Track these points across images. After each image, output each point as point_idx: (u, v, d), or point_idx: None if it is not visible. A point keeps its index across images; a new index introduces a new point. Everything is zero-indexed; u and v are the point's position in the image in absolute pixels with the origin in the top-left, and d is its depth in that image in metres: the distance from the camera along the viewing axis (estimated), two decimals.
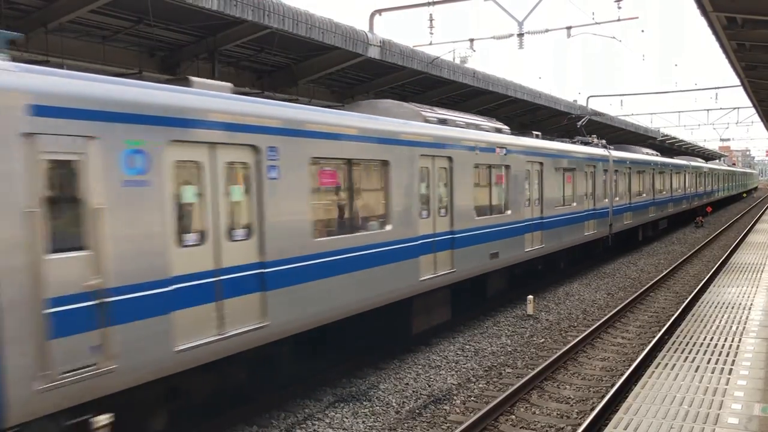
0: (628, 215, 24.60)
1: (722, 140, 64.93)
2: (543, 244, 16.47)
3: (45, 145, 5.78)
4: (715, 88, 39.86)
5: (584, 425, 7.96)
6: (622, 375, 9.94)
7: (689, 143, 59.08)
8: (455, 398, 9.47)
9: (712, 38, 11.27)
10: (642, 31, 26.71)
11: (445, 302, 12.56)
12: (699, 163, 43.89)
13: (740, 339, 9.49)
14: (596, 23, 18.99)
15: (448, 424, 8.50)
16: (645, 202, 27.27)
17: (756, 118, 40.41)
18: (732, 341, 9.37)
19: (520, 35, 18.72)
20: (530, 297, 14.85)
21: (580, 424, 8.13)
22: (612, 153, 23.13)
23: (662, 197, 30.62)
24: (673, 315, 13.79)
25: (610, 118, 35.08)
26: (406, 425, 8.48)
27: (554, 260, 18.37)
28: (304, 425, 8.52)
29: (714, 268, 19.95)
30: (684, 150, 57.12)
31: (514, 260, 14.99)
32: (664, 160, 32.09)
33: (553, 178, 17.41)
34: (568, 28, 19.26)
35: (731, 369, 8.07)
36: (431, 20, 19.68)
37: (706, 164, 47.89)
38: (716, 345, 9.19)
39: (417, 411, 8.96)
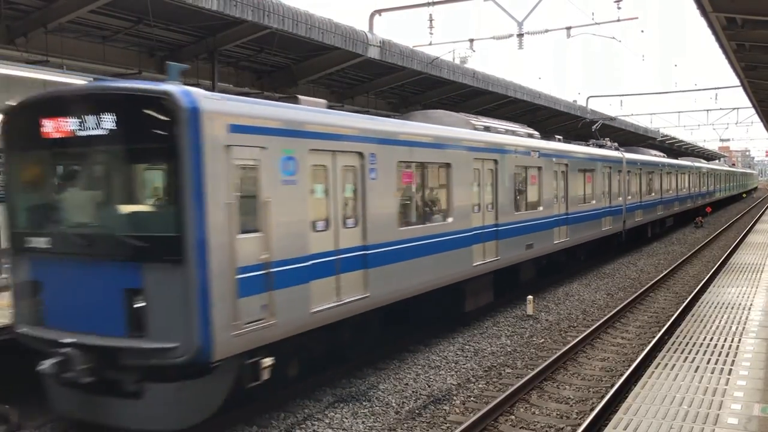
0: (639, 213, 26.24)
1: (722, 140, 64.91)
2: (568, 238, 18.23)
3: (237, 154, 7.64)
4: (715, 89, 39.87)
5: (584, 425, 7.96)
6: (622, 375, 9.94)
7: (689, 143, 59.08)
8: (455, 398, 9.47)
9: (712, 39, 11.28)
10: (642, 32, 26.74)
11: (490, 286, 14.31)
12: (702, 164, 44.96)
13: (740, 339, 9.49)
14: (596, 23, 19.01)
15: (448, 425, 8.50)
16: (654, 201, 28.95)
17: (755, 119, 40.39)
18: (732, 341, 9.37)
19: (520, 35, 18.73)
20: (530, 297, 14.85)
21: (580, 425, 8.12)
22: (625, 155, 24.89)
23: (669, 196, 32.15)
24: (673, 315, 13.78)
25: (623, 123, 37.19)
26: (406, 425, 8.48)
27: (575, 253, 19.96)
28: (304, 425, 8.52)
29: (714, 269, 19.95)
30: (684, 150, 57.11)
31: (545, 251, 16.84)
32: (671, 161, 33.91)
33: (577, 178, 19.17)
34: (568, 29, 19.28)
35: (731, 369, 8.07)
36: (431, 20, 19.69)
37: (709, 165, 48.81)
38: (716, 345, 9.19)
39: (417, 411, 8.96)
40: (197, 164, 7.17)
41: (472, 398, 9.50)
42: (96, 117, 7.49)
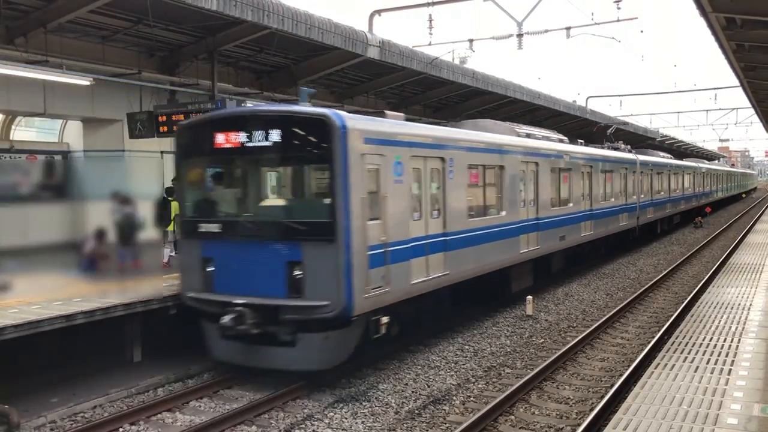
0: (651, 210, 28.50)
1: (721, 141, 64.88)
2: (592, 231, 20.44)
3: (367, 160, 9.85)
4: (715, 89, 39.89)
5: (583, 425, 7.96)
6: (622, 375, 9.93)
7: (688, 144, 59.07)
8: (454, 398, 9.47)
9: (712, 39, 11.28)
10: (641, 32, 26.80)
11: (530, 272, 16.46)
12: (705, 165, 46.58)
13: (739, 339, 9.48)
14: (595, 24, 19.01)
15: (448, 425, 8.50)
16: (663, 199, 31.15)
17: (755, 119, 40.36)
18: (731, 341, 9.36)
19: (520, 36, 18.74)
20: (529, 297, 14.84)
21: (580, 425, 8.12)
22: (639, 157, 27.13)
23: (676, 195, 34.35)
24: (673, 315, 13.77)
25: (633, 127, 39.67)
26: (406, 425, 8.48)
27: (597, 246, 22.07)
28: (304, 425, 8.52)
29: (713, 269, 19.93)
30: (683, 151, 57.11)
31: (574, 243, 19.01)
32: (678, 163, 36.71)
33: (599, 179, 21.40)
34: (568, 29, 19.28)
35: (730, 369, 8.06)
36: (431, 20, 19.69)
37: (711, 165, 50.17)
38: (715, 345, 9.18)
39: (416, 411, 8.96)
40: (345, 168, 9.38)
41: (472, 398, 9.50)
42: (264, 132, 9.74)
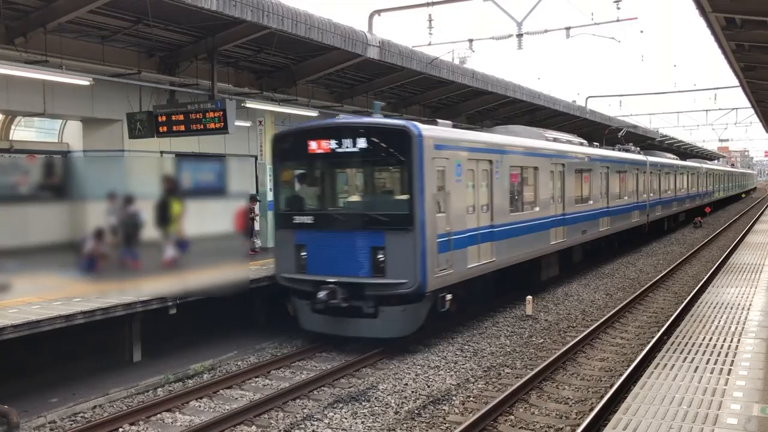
0: (659, 208, 30.49)
1: (721, 141, 64.83)
2: (609, 227, 22.38)
3: (437, 163, 11.72)
4: (714, 89, 39.83)
5: (583, 426, 7.96)
6: (621, 375, 9.93)
7: (688, 144, 59.04)
8: (454, 398, 9.47)
9: (711, 39, 11.27)
10: (641, 32, 26.80)
11: (557, 262, 18.25)
12: (707, 165, 48.20)
13: (739, 339, 9.48)
14: (595, 24, 18.99)
15: (447, 425, 8.50)
16: (670, 198, 33.28)
17: (755, 119, 40.28)
18: (731, 341, 9.36)
19: (519, 36, 18.72)
20: (529, 297, 14.84)
21: (579, 425, 8.12)
22: (648, 158, 29.23)
23: (682, 194, 36.32)
24: (672, 315, 13.77)
25: (644, 130, 42.46)
26: (405, 426, 8.48)
27: (611, 241, 23.90)
28: (303, 425, 8.52)
29: (713, 269, 19.92)
30: (683, 151, 57.11)
31: (593, 237, 20.90)
32: (683, 163, 38.94)
33: (614, 178, 23.30)
34: (567, 29, 19.25)
35: (730, 369, 8.06)
36: (430, 21, 19.67)
37: (713, 166, 51.68)
38: (715, 345, 9.18)
39: (416, 411, 8.95)
40: (420, 169, 11.22)
41: (472, 398, 9.50)
42: (352, 140, 11.58)
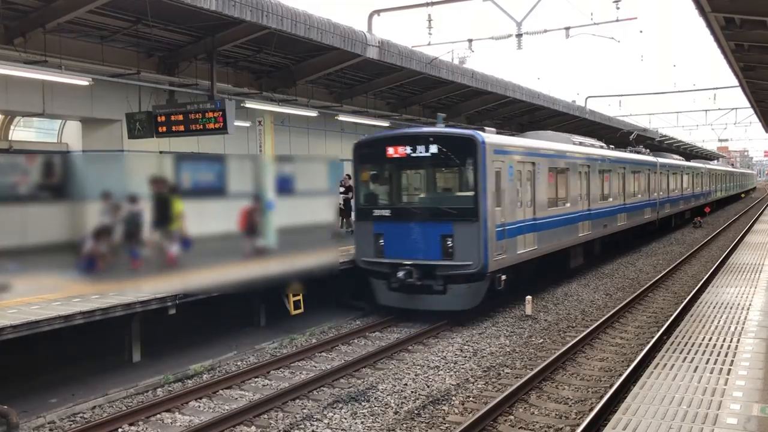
0: (667, 206, 32.57)
1: (720, 141, 64.83)
2: (626, 222, 24.56)
3: (495, 165, 13.92)
4: (714, 89, 39.81)
5: (583, 426, 7.95)
6: (621, 375, 9.92)
7: (688, 143, 59.05)
8: (454, 399, 9.46)
9: (711, 39, 11.26)
10: (641, 32, 26.79)
11: (582, 253, 20.31)
12: (710, 165, 50.76)
13: (739, 339, 9.47)
14: (595, 24, 18.98)
15: (447, 425, 8.49)
16: (677, 197, 35.35)
17: (754, 119, 40.26)
18: (730, 341, 9.35)
19: (519, 36, 18.72)
20: (528, 297, 14.84)
21: (579, 425, 8.11)
22: (659, 159, 31.43)
23: (687, 193, 38.31)
24: (672, 315, 13.76)
25: (654, 132, 44.79)
26: (405, 426, 8.47)
27: (626, 235, 25.67)
28: (303, 425, 8.51)
29: (712, 269, 19.92)
30: (683, 151, 57.12)
31: (612, 231, 22.99)
32: (689, 164, 41.09)
33: (630, 178, 25.49)
34: (567, 29, 19.24)
35: (730, 369, 8.05)
36: (430, 21, 19.66)
37: (715, 166, 53.88)
38: (715, 345, 9.17)
39: (416, 411, 8.95)
40: (484, 171, 13.48)
41: (471, 398, 9.49)
42: (425, 146, 13.74)
